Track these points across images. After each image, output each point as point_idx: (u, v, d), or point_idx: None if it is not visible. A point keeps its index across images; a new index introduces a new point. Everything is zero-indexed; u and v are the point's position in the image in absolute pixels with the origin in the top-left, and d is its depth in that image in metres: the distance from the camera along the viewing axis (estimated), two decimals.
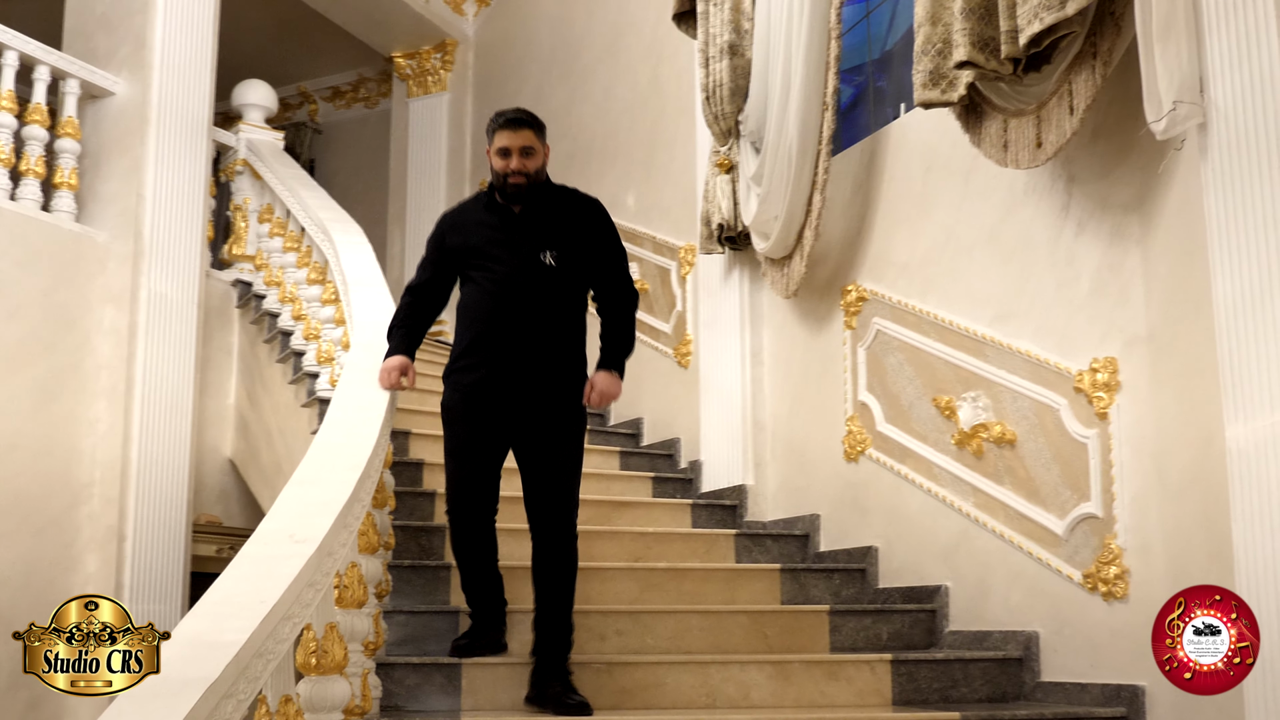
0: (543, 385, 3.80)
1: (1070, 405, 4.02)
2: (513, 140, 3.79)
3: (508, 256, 3.82)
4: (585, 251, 3.90)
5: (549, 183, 3.93)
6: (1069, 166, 4.11)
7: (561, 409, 3.83)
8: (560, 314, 3.85)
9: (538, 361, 3.79)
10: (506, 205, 3.88)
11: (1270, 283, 3.07)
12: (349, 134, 10.41)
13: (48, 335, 6.00)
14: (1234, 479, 3.16)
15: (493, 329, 3.80)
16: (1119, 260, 3.91)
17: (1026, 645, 4.11)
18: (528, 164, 3.80)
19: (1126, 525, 3.79)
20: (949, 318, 4.60)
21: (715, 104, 5.59)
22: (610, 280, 3.96)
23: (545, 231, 3.85)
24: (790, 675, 3.99)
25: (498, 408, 3.81)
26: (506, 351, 3.78)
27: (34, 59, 6.12)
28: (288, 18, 9.13)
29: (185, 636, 2.57)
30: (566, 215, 3.91)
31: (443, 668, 3.86)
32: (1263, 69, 3.11)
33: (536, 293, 3.80)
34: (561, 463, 3.82)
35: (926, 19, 4.14)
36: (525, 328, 3.78)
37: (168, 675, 2.40)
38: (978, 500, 4.39)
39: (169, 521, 6.22)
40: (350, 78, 10.37)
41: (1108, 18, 3.70)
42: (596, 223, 3.95)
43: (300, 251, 6.30)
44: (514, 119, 3.83)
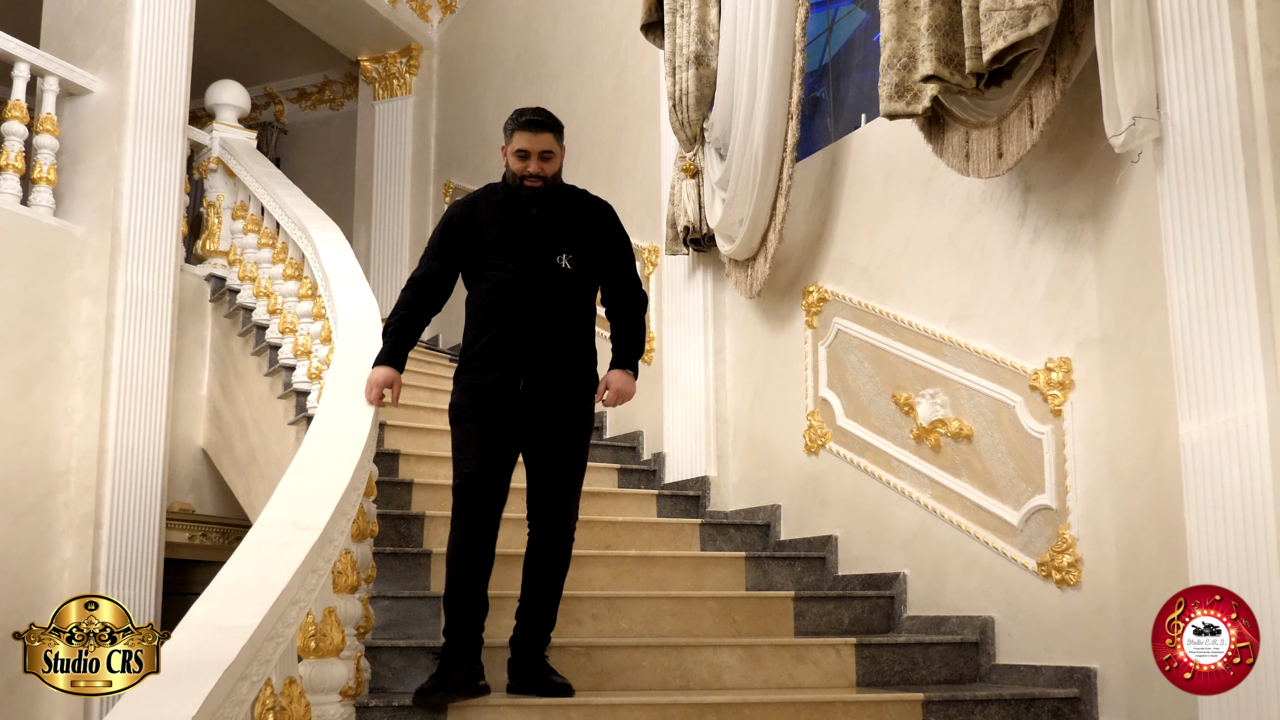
0: (556, 387, 3.67)
1: (1026, 402, 4.08)
2: (533, 144, 3.63)
3: (524, 257, 3.66)
4: (598, 254, 3.78)
5: (563, 184, 3.81)
6: (1025, 176, 4.16)
7: (573, 411, 3.72)
8: (573, 316, 3.71)
9: (551, 364, 3.66)
10: (524, 206, 3.72)
11: (1223, 288, 3.13)
12: (314, 134, 10.31)
13: (26, 327, 5.90)
14: (1188, 473, 3.21)
15: (508, 330, 3.64)
16: (1073, 265, 3.97)
17: (982, 630, 4.16)
18: (546, 167, 3.65)
19: (1079, 516, 3.84)
20: (908, 318, 4.65)
21: (681, 111, 5.60)
22: (622, 283, 3.85)
23: (561, 234, 3.71)
24: (760, 658, 4.02)
25: (510, 410, 3.64)
26: (521, 353, 3.63)
27: (14, 56, 6.02)
28: (257, 20, 9.03)
29: (199, 621, 2.55)
30: (580, 218, 3.78)
31: (428, 651, 3.84)
32: (1218, 87, 3.17)
33: (551, 295, 3.66)
34: (570, 463, 3.71)
35: (892, 34, 4.17)
36: (540, 330, 3.64)
37: (185, 658, 2.38)
38: (935, 492, 4.44)
39: (144, 509, 6.15)
40: (316, 80, 10.27)
41: (1067, 36, 3.75)
42: (608, 226, 3.83)
43: (276, 248, 6.24)
44: (535, 121, 3.65)
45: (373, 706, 3.48)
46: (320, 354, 5.30)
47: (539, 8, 8.07)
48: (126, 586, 6.06)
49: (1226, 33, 3.16)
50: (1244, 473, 3.02)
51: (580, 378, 3.73)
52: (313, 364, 5.44)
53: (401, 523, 4.72)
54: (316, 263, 5.37)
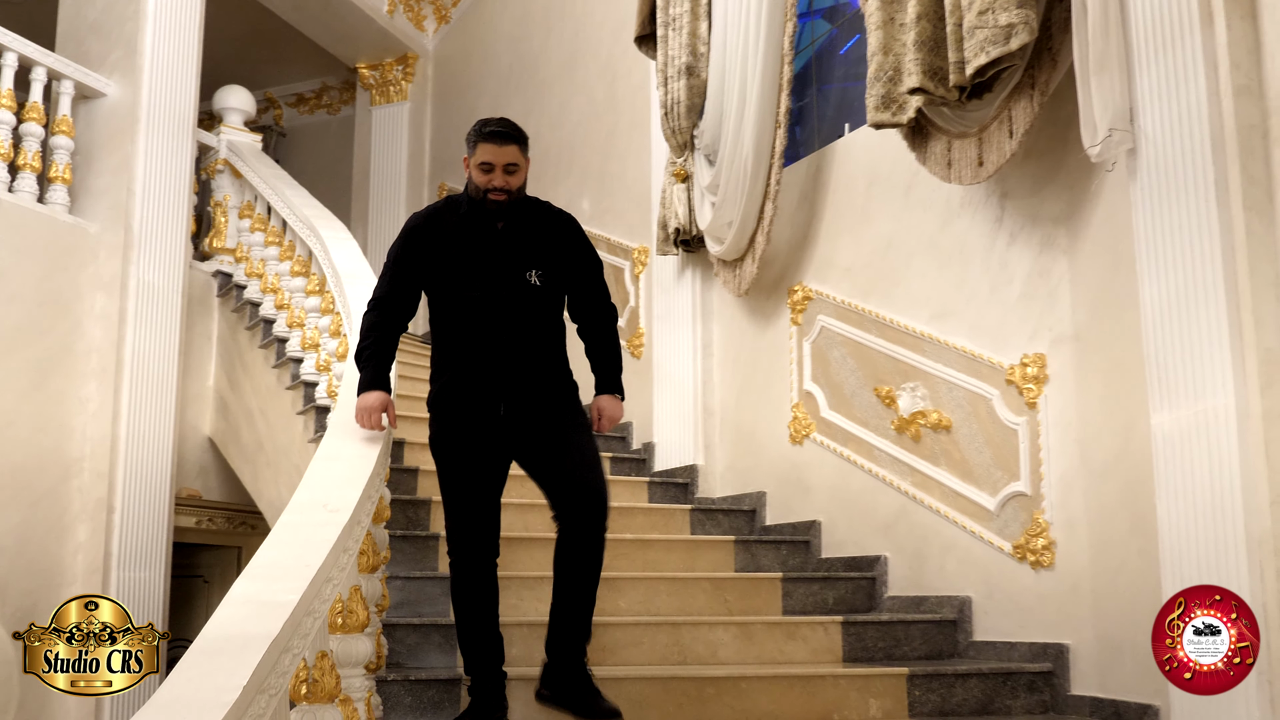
0: (538, 406, 3.36)
1: (1002, 395, 4.14)
2: (497, 156, 3.29)
3: (492, 276, 3.34)
4: (566, 269, 3.44)
5: (526, 197, 3.45)
6: (1002, 183, 4.22)
7: (562, 412, 3.40)
8: (544, 333, 3.39)
9: (530, 384, 3.35)
10: (488, 221, 3.37)
11: (1194, 289, 3.19)
12: (311, 138, 10.28)
13: (43, 320, 5.88)
14: (1159, 461, 3.27)
15: (481, 354, 3.33)
16: (1048, 267, 4.03)
17: (960, 609, 4.22)
18: (511, 181, 3.31)
19: (1053, 502, 3.91)
20: (890, 316, 4.71)
21: (673, 119, 5.64)
22: (591, 297, 3.53)
23: (529, 249, 3.38)
24: (753, 635, 4.07)
25: (494, 436, 3.34)
26: (498, 378, 3.32)
27: (32, 60, 6.00)
28: (260, 28, 8.99)
29: (242, 597, 2.58)
30: (547, 232, 3.44)
31: (440, 628, 3.87)
32: (1189, 102, 3.23)
33: (523, 313, 3.34)
34: (582, 441, 3.38)
35: (879, 49, 4.22)
36: (515, 351, 3.33)
37: (231, 632, 2.41)
38: (915, 480, 4.50)
39: (154, 494, 6.14)
40: (314, 85, 10.23)
41: (1045, 52, 3.82)
42: (574, 239, 3.50)
43: (283, 245, 6.23)
44: (500, 133, 3.31)
45: (391, 680, 3.52)
46: (330, 347, 5.30)
47: (532, 20, 8.08)
48: (137, 568, 6.05)
49: (1198, 51, 3.21)
50: (1213, 461, 3.08)
51: (560, 391, 3.41)
52: (321, 356, 5.44)
53: (409, 507, 4.74)
54: (326, 260, 5.38)
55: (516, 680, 3.46)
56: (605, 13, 7.10)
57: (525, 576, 4.08)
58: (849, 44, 5.73)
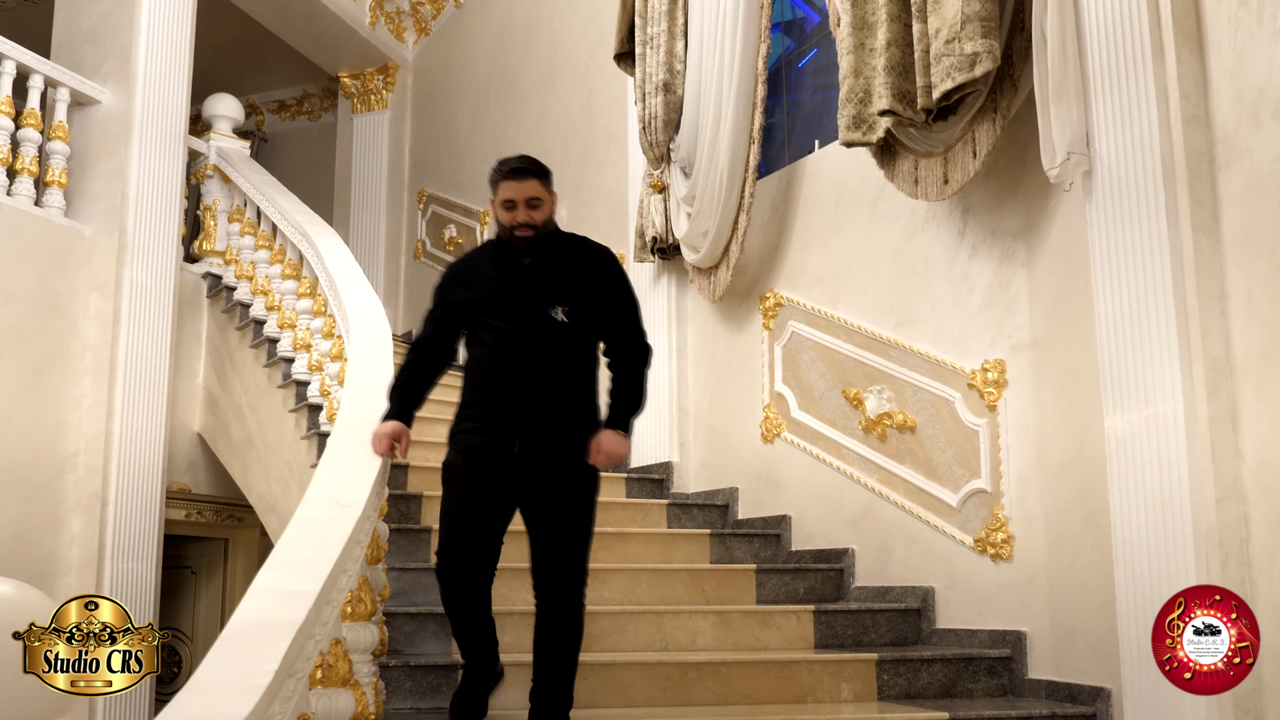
0: (553, 449, 3.20)
1: (964, 398, 4.28)
2: (518, 191, 3.18)
3: (514, 313, 3.22)
4: (597, 305, 3.28)
5: (559, 232, 3.34)
6: (965, 199, 4.36)
7: (572, 473, 3.22)
8: (571, 371, 3.23)
9: (547, 424, 3.20)
10: (515, 257, 3.26)
11: (1144, 302, 3.34)
12: (292, 143, 10.28)
13: (39, 319, 5.89)
14: (1112, 461, 3.42)
15: (499, 391, 3.21)
16: (1007, 279, 4.18)
17: (924, 598, 4.36)
18: (535, 215, 3.20)
19: (1012, 498, 4.06)
20: (857, 322, 4.83)
21: (650, 133, 5.74)
22: (623, 335, 3.33)
23: (555, 285, 3.24)
24: (730, 623, 4.18)
25: (503, 473, 3.21)
26: (513, 414, 3.19)
27: (30, 68, 6.00)
28: (243, 36, 8.99)
29: (266, 586, 2.65)
30: (577, 267, 3.29)
31: (435, 617, 3.95)
32: (1142, 130, 3.37)
33: (545, 351, 3.20)
34: (572, 529, 3.22)
35: (850, 72, 4.35)
36: (533, 388, 3.18)
37: (259, 619, 2.49)
38: (881, 477, 4.63)
39: (146, 488, 6.16)
40: (295, 93, 10.23)
41: (1007, 79, 3.96)
42: (608, 274, 3.33)
43: (273, 250, 6.27)
44: (517, 169, 3.22)
45: (393, 666, 3.60)
46: (322, 348, 5.35)
47: (510, 35, 8.15)
48: (130, 560, 6.07)
49: (1150, 82, 3.36)
50: (1162, 461, 3.23)
51: (580, 437, 3.22)
52: (313, 356, 5.49)
53: (401, 501, 4.81)
54: (320, 265, 5.43)
55: (510, 665, 3.54)
56: (582, 30, 7.19)
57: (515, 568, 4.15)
58: (807, 58, 5.87)
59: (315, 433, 5.30)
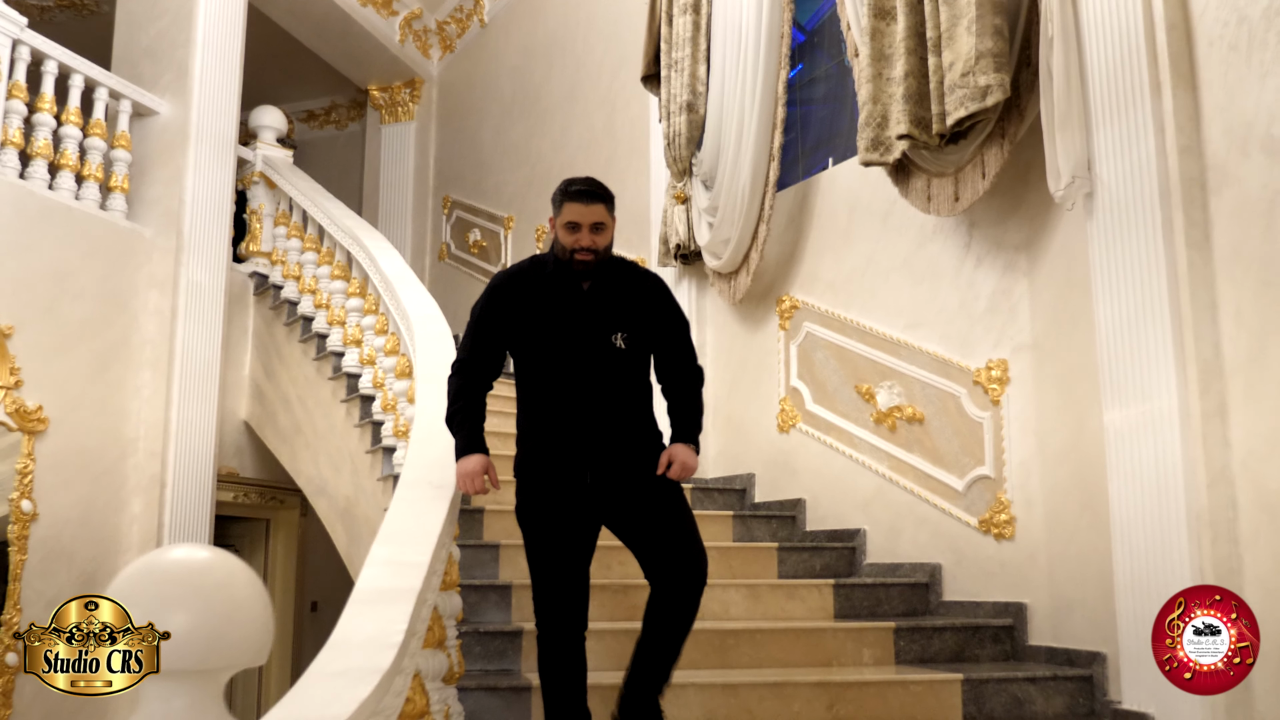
0: (625, 473, 3.07)
1: (969, 394, 4.51)
2: (584, 215, 3.03)
3: (578, 339, 3.07)
4: (652, 331, 3.16)
5: (613, 257, 3.18)
6: (970, 214, 4.58)
7: (648, 476, 3.09)
8: (632, 397, 3.11)
9: (617, 451, 3.07)
10: (574, 281, 3.11)
11: (1141, 310, 3.56)
12: (320, 152, 10.41)
13: (104, 315, 6.04)
14: (1111, 451, 3.64)
15: (566, 420, 3.06)
16: (1010, 287, 4.40)
17: (932, 574, 4.58)
18: (598, 240, 3.06)
19: (1014, 484, 4.28)
20: (869, 324, 5.05)
21: (674, 149, 5.94)
22: (677, 359, 3.22)
23: (615, 311, 3.11)
24: (759, 596, 4.39)
25: (581, 505, 3.07)
26: (584, 445, 3.06)
27: (96, 81, 6.14)
28: (277, 50, 9.12)
29: (383, 558, 2.83)
30: (634, 293, 3.16)
31: (496, 588, 4.15)
32: (1140, 157, 3.59)
33: (607, 378, 3.06)
34: (677, 512, 3.10)
35: (869, 99, 4.56)
36: (601, 417, 3.05)
37: (382, 586, 2.68)
38: (891, 464, 4.85)
39: (199, 472, 6.31)
40: (324, 103, 10.36)
41: (1014, 108, 4.18)
42: (661, 300, 3.21)
43: (321, 251, 6.43)
44: (585, 192, 3.06)
45: (465, 631, 3.80)
46: (376, 344, 5.53)
47: (534, 53, 8.32)
48: (184, 538, 6.21)
49: (1148, 115, 3.58)
50: (1158, 451, 3.46)
51: (648, 455, 3.11)
52: (364, 351, 5.67)
53: None
54: (373, 265, 5.60)
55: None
56: (604, 51, 7.38)
57: None
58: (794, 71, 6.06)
59: (369, 421, 5.47)
